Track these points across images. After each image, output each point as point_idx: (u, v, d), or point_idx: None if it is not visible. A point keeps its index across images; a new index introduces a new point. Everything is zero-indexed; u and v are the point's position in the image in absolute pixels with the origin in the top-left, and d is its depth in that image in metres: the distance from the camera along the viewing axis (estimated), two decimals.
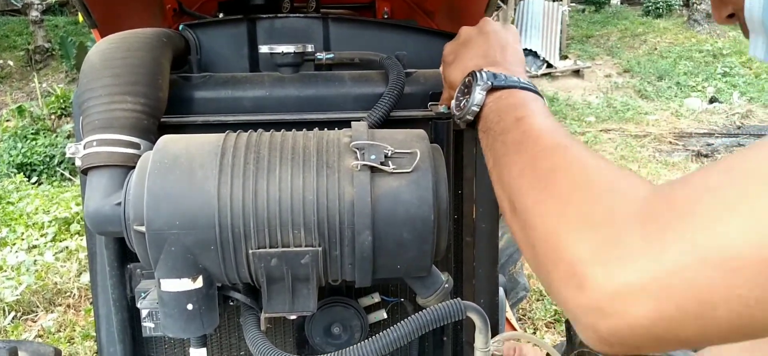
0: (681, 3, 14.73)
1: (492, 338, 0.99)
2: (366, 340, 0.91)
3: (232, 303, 1.08)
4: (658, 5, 14.80)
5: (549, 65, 10.67)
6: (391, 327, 0.92)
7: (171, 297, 0.91)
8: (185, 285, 0.90)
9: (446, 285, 1.04)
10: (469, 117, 0.86)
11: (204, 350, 1.09)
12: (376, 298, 1.22)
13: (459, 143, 1.19)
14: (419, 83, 1.19)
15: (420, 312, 0.92)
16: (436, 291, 1.03)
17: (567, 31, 12.19)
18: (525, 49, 10.13)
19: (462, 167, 1.20)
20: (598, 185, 0.57)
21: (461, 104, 0.89)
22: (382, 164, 0.89)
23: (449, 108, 0.96)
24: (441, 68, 1.04)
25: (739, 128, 7.27)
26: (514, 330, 3.12)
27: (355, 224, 0.88)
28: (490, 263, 1.29)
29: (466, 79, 0.89)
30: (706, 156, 6.18)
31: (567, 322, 1.81)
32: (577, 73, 10.45)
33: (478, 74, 0.85)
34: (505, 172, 0.71)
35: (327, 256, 0.91)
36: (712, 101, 8.80)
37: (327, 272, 0.94)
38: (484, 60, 0.90)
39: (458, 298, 0.94)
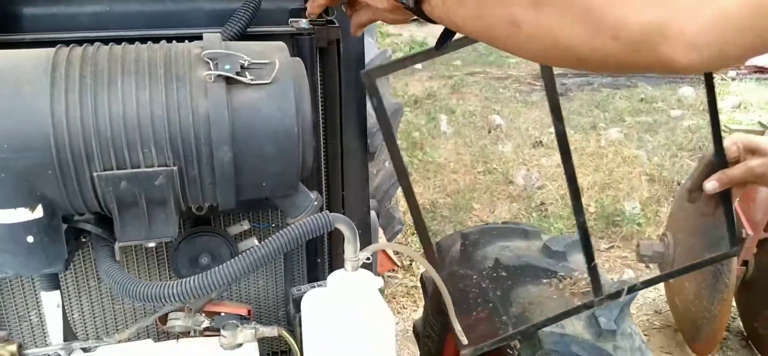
0: None
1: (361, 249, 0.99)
2: (232, 260, 0.88)
3: (84, 239, 0.99)
4: None
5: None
6: (257, 245, 0.90)
7: (6, 230, 0.81)
8: (22, 215, 0.81)
9: (316, 203, 1.03)
10: None
11: (57, 293, 1.00)
12: (246, 225, 1.19)
13: (324, 61, 1.17)
14: None
15: (287, 228, 0.90)
16: (305, 210, 1.02)
17: None
18: None
19: (327, 86, 1.18)
20: None
21: None
22: (238, 74, 0.85)
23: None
24: None
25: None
26: (391, 260, 3.23)
27: (213, 139, 0.84)
28: (360, 183, 1.30)
29: None
30: (560, 95, 6.69)
31: (437, 245, 1.89)
32: None
33: None
34: None
35: (184, 176, 0.86)
36: None
37: (185, 194, 0.89)
38: None
39: (326, 211, 0.94)
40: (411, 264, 3.65)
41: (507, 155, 4.99)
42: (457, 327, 1.19)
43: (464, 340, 1.21)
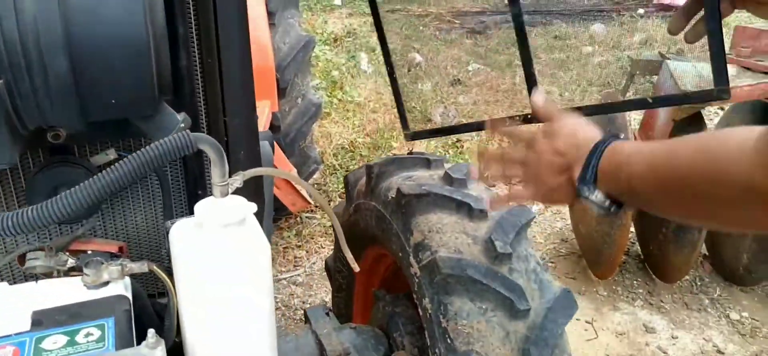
0: None
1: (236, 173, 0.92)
2: (78, 185, 0.78)
3: None
4: None
5: None
6: (111, 167, 0.80)
7: None
8: None
9: (182, 125, 0.95)
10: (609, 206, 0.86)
11: None
12: (112, 155, 1.08)
13: None
14: None
15: (144, 148, 0.81)
16: (172, 132, 0.93)
17: None
18: None
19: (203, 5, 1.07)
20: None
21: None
22: None
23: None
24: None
25: (507, 4, 7.92)
26: (305, 199, 3.16)
27: (42, 47, 0.73)
28: (245, 107, 1.21)
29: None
30: (479, 33, 6.70)
31: (346, 179, 1.86)
32: None
33: (581, 190, 0.86)
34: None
35: (13, 91, 0.75)
36: None
37: (19, 113, 0.78)
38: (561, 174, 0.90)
39: (188, 131, 0.85)
40: (330, 202, 3.61)
41: (426, 94, 4.98)
42: (348, 254, 1.15)
43: (356, 267, 1.17)
